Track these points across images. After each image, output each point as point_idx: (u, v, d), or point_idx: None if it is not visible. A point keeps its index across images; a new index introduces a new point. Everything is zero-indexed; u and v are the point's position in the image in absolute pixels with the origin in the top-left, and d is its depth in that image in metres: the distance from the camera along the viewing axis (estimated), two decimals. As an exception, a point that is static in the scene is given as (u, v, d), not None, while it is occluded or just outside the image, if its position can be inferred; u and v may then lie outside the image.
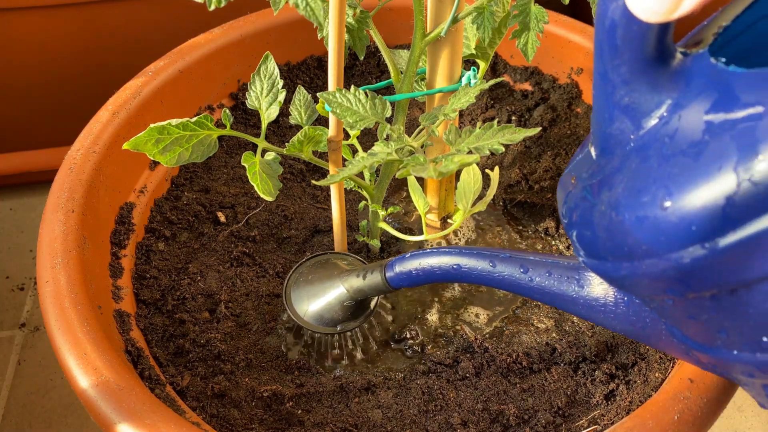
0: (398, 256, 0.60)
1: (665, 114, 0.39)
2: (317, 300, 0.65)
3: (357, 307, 0.64)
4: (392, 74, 0.64)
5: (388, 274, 0.60)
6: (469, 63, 0.85)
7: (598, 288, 0.51)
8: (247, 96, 0.62)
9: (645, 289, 0.41)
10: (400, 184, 0.83)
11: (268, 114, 0.62)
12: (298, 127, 0.63)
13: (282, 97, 0.62)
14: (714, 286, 0.37)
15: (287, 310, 0.65)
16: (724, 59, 0.37)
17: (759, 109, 0.33)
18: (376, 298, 0.66)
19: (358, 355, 0.67)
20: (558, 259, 0.54)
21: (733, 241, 0.35)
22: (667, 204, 0.36)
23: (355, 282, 0.62)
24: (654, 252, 0.38)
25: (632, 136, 0.40)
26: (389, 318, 0.70)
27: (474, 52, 0.67)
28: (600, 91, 0.41)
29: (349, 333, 0.67)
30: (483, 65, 0.66)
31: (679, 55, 0.39)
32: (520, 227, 0.79)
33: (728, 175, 0.34)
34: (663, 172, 0.37)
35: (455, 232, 0.77)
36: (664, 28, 0.37)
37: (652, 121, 0.39)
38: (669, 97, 0.38)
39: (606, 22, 0.38)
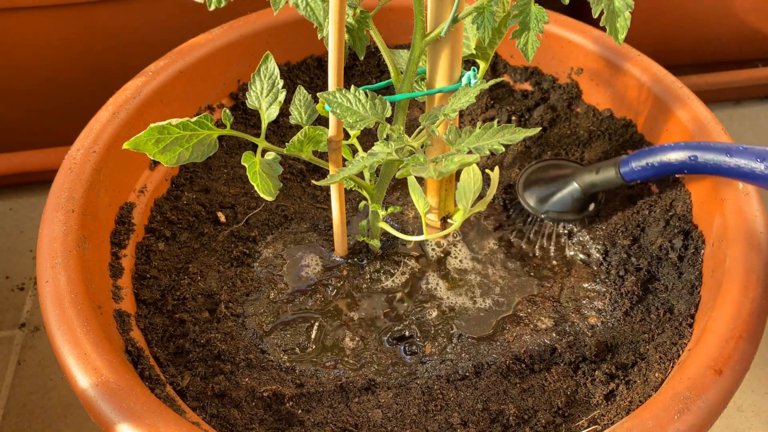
0: (633, 153, 0.70)
1: None
2: (551, 192, 0.76)
3: (584, 202, 0.76)
4: (392, 74, 0.64)
5: (623, 169, 0.70)
6: (469, 63, 0.85)
7: None
8: (247, 96, 0.62)
9: None
10: (400, 184, 0.83)
11: (268, 114, 0.62)
12: (298, 127, 0.63)
13: (282, 97, 0.62)
14: None
15: (521, 201, 0.77)
16: None
17: None
18: (597, 204, 0.77)
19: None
20: None
21: None
22: None
23: (588, 177, 0.74)
24: None
25: None
26: (389, 318, 0.70)
27: (474, 52, 0.67)
28: None
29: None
30: (483, 65, 0.66)
31: None
32: (520, 227, 0.78)
33: None
34: None
35: (454, 232, 0.77)
36: None
37: None
38: None
39: None
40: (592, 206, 0.77)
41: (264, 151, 0.61)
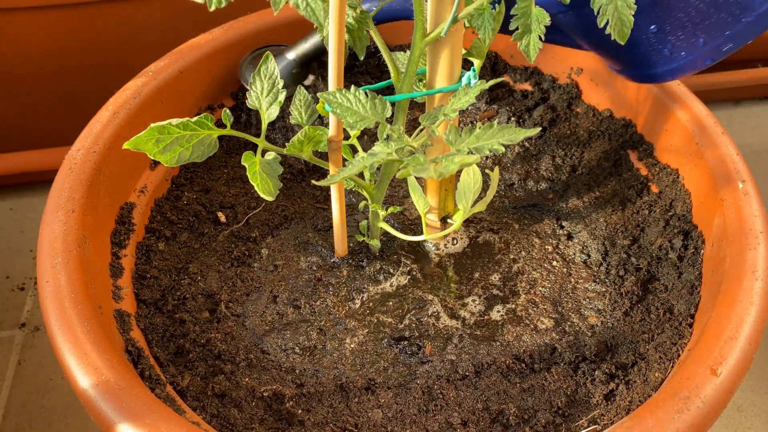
0: None
1: None
2: None
3: (301, 74, 0.83)
4: (392, 74, 0.64)
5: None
6: (469, 63, 0.85)
7: None
8: (247, 96, 0.62)
9: None
10: (400, 183, 0.83)
11: (269, 114, 0.62)
12: (299, 127, 0.63)
13: (282, 97, 0.62)
14: None
15: (242, 80, 0.82)
16: None
17: None
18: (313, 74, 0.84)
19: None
20: None
21: None
22: None
23: (300, 48, 0.81)
24: None
25: None
26: (389, 317, 0.70)
27: (468, 50, 0.67)
28: None
29: None
30: (478, 63, 0.67)
31: None
32: (520, 227, 0.78)
33: None
34: None
35: (454, 232, 0.77)
36: None
37: None
38: None
39: None
40: (310, 78, 0.84)
41: (264, 151, 0.61)
